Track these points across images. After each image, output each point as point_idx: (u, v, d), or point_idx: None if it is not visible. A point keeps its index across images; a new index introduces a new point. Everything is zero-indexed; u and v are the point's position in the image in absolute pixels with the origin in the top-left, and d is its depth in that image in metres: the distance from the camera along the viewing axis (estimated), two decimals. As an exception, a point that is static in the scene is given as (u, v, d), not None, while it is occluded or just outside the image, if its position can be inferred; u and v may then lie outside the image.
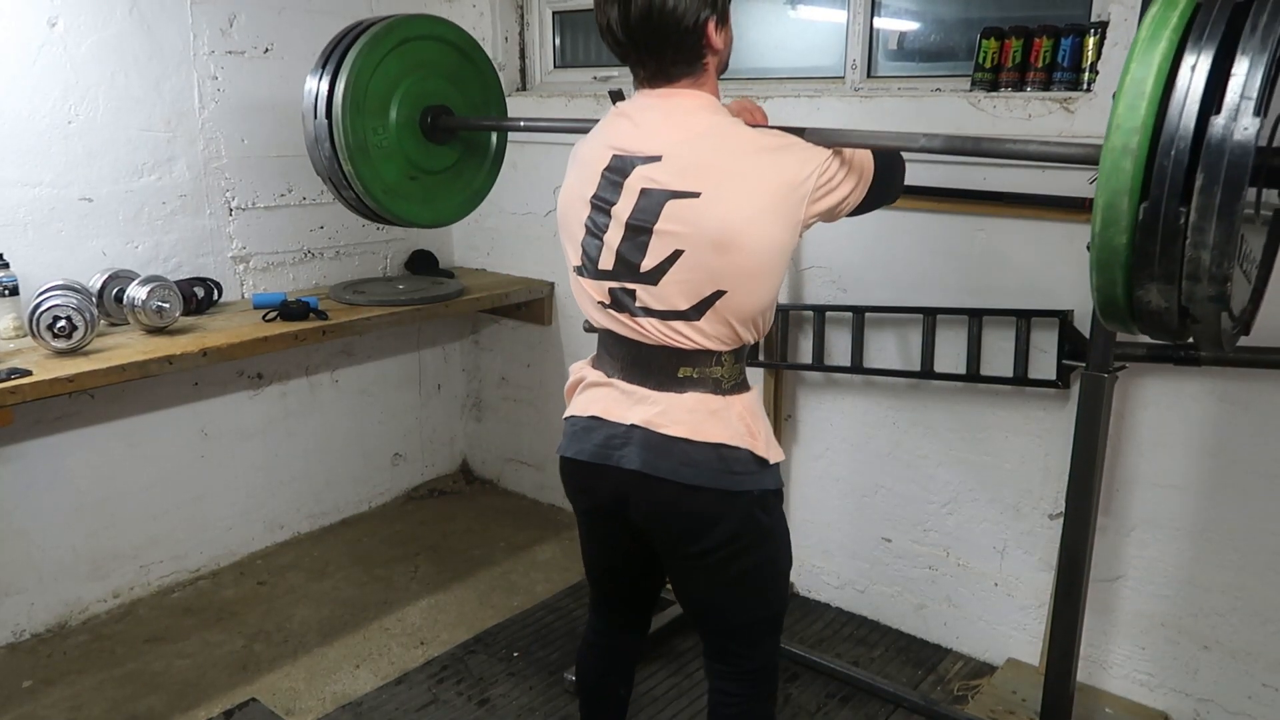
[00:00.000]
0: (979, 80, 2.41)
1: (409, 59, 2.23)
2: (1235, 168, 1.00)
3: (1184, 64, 1.03)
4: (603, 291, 1.52)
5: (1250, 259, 1.24)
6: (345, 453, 3.49)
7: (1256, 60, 1.00)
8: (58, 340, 2.30)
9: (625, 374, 1.55)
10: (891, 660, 2.66)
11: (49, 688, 2.52)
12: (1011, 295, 2.38)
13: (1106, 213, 1.08)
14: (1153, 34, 1.06)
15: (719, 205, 1.40)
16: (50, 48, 2.54)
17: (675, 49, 1.45)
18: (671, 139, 1.45)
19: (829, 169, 1.44)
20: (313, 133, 2.17)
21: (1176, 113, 1.03)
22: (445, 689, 2.52)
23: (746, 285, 1.44)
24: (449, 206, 2.45)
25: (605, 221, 1.49)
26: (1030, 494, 2.48)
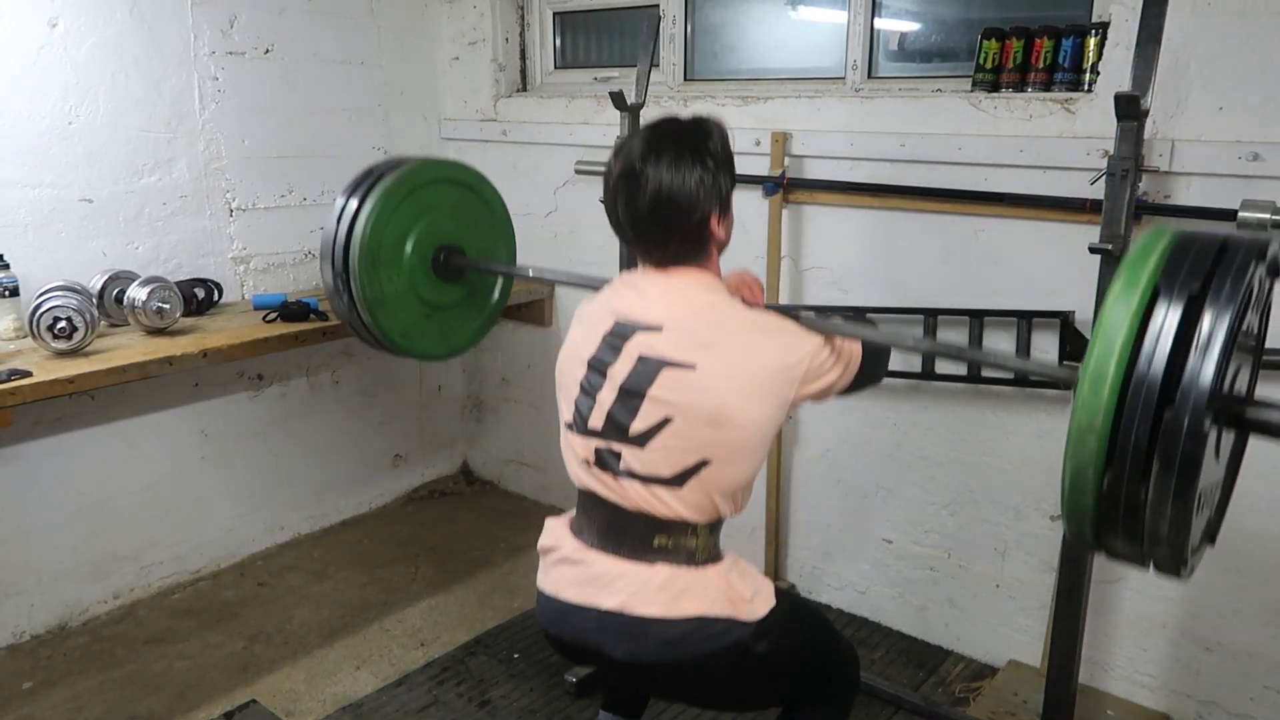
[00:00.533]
0: (980, 81, 2.41)
1: (420, 204, 2.29)
2: (1189, 459, 1.07)
3: (1143, 350, 1.10)
4: (589, 450, 1.56)
5: (1210, 495, 1.30)
6: (346, 454, 3.48)
7: (1210, 351, 1.06)
8: (58, 341, 2.30)
9: (601, 541, 1.57)
10: (892, 662, 2.65)
11: (49, 689, 2.52)
12: (1012, 296, 2.38)
13: (1074, 479, 1.17)
14: (1113, 316, 1.13)
15: (713, 379, 1.45)
16: (50, 48, 2.54)
17: (680, 241, 1.52)
18: (673, 311, 1.51)
19: (820, 356, 1.52)
20: (331, 284, 2.24)
21: (1136, 401, 1.10)
22: (446, 690, 2.52)
23: (732, 459, 1.49)
24: (464, 336, 2.51)
25: (600, 382, 1.53)
26: (1031, 495, 2.48)
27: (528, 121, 3.35)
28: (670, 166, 1.47)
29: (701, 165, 1.49)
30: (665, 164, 1.47)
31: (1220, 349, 1.06)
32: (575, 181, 3.24)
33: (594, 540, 1.57)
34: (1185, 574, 1.21)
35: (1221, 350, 1.06)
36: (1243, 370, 1.27)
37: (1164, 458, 1.08)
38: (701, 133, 1.53)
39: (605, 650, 1.54)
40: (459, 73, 3.51)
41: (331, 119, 3.22)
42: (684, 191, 1.47)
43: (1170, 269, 1.12)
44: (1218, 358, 1.06)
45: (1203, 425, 1.06)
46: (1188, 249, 1.13)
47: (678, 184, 1.47)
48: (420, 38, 3.46)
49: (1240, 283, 1.08)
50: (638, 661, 1.52)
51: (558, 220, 3.35)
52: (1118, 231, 1.82)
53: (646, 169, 1.48)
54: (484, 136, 3.47)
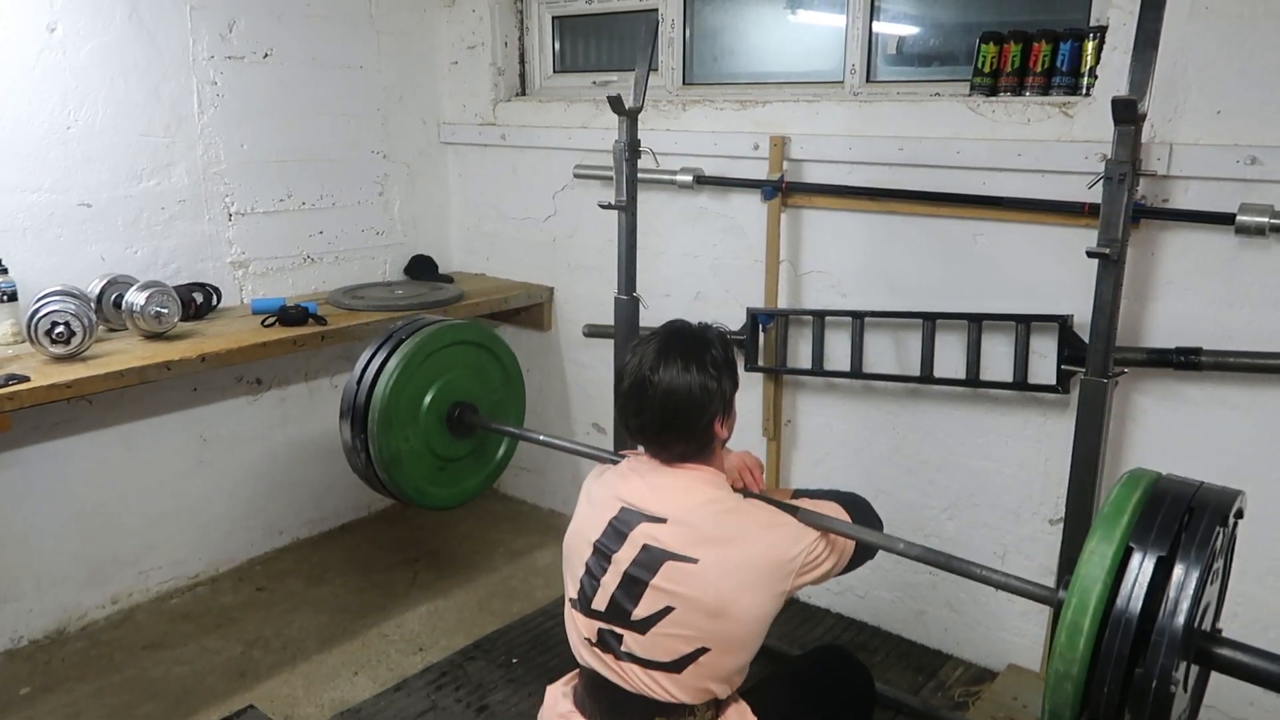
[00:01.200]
0: (978, 85, 2.41)
1: (437, 365, 2.42)
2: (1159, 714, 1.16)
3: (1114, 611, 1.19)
4: (592, 630, 1.65)
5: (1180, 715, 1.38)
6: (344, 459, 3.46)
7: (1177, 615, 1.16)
8: (56, 346, 2.30)
9: (602, 718, 1.67)
10: (892, 666, 2.65)
11: (47, 695, 2.51)
12: (1011, 300, 2.38)
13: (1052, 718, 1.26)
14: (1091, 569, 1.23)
15: (715, 574, 1.54)
16: (49, 53, 2.54)
17: (685, 444, 1.64)
18: (677, 505, 1.61)
19: (815, 550, 1.63)
20: (349, 442, 2.37)
21: (1109, 660, 1.19)
22: (444, 695, 2.51)
23: (730, 649, 1.58)
24: (473, 484, 2.64)
25: (605, 566, 1.63)
26: (1030, 499, 2.47)
27: (526, 125, 3.35)
28: (678, 375, 1.59)
29: (705, 373, 1.60)
30: (673, 373, 1.59)
31: (1187, 610, 1.16)
32: (574, 185, 3.24)
33: (596, 716, 1.68)
34: None
35: (1189, 611, 1.16)
36: (1210, 607, 1.37)
37: (1135, 711, 1.17)
38: (705, 342, 1.65)
39: None
40: (458, 77, 3.51)
41: (330, 123, 3.22)
42: (690, 400, 1.59)
43: (1140, 529, 1.23)
44: (1184, 618, 1.15)
45: (1169, 686, 1.15)
46: (1158, 507, 1.25)
47: (684, 391, 1.58)
48: (419, 42, 3.46)
49: (1205, 547, 1.19)
50: None
51: (556, 224, 3.35)
52: (1115, 235, 1.82)
53: (655, 378, 1.59)
54: (483, 140, 3.47)
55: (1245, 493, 1.34)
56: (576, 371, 3.44)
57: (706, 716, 1.64)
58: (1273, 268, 2.04)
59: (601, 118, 3.10)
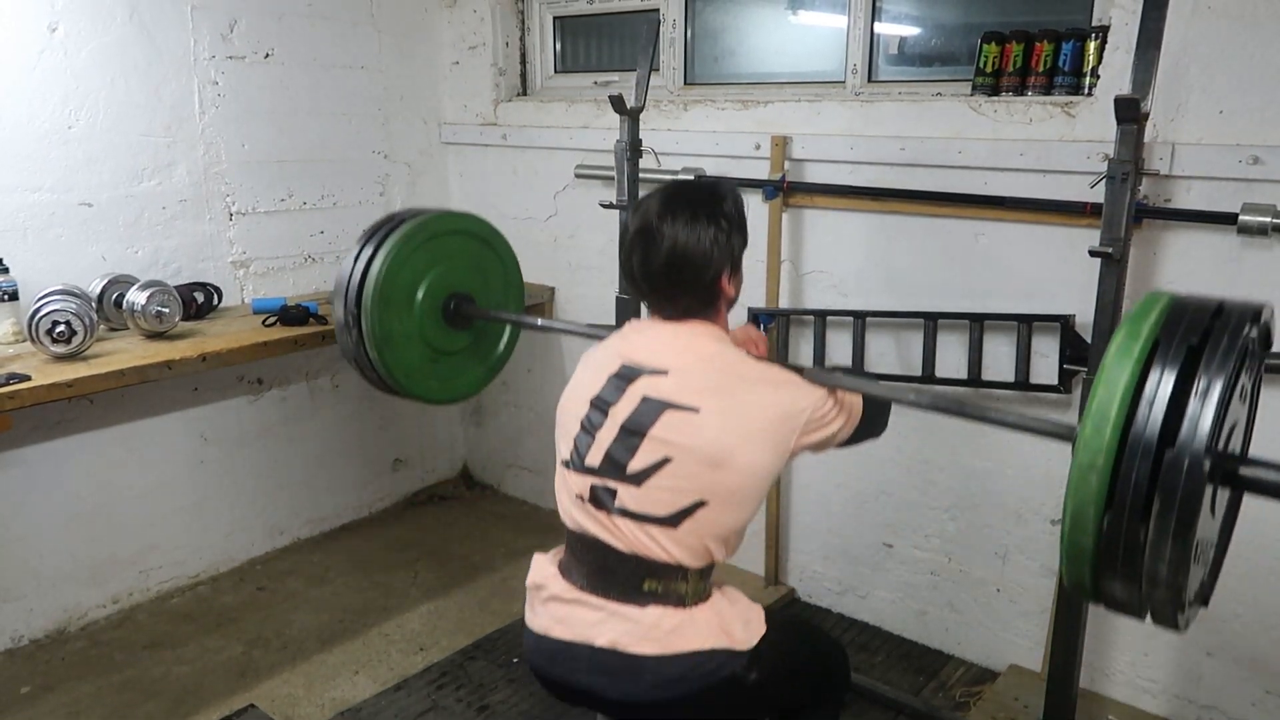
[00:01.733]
0: (980, 85, 2.41)
1: (436, 251, 2.36)
2: (1189, 499, 1.10)
3: (1144, 395, 1.15)
4: (584, 487, 1.57)
5: (1206, 548, 1.32)
6: (345, 458, 3.48)
7: (1208, 399, 1.11)
8: (57, 345, 2.30)
9: (590, 583, 1.57)
10: (893, 666, 2.65)
11: (47, 694, 2.51)
12: (1013, 300, 2.38)
13: (1075, 518, 1.19)
14: (1118, 358, 1.18)
15: (716, 424, 1.47)
16: (50, 53, 2.54)
17: (691, 297, 1.56)
18: (679, 358, 1.54)
19: (822, 408, 1.56)
20: (341, 319, 2.29)
21: (1138, 441, 1.14)
22: (445, 695, 2.51)
23: (729, 503, 1.51)
24: (467, 383, 2.56)
25: (601, 420, 1.56)
26: (1031, 500, 2.47)
27: (528, 126, 3.35)
28: (686, 225, 1.52)
29: (716, 225, 1.53)
30: (681, 223, 1.52)
31: (1219, 397, 1.10)
32: (575, 185, 3.24)
33: (583, 582, 1.58)
34: (1182, 624, 1.23)
35: (1220, 398, 1.10)
36: (1237, 431, 1.30)
37: (1164, 497, 1.11)
38: (717, 194, 1.58)
39: (598, 691, 1.55)
40: (459, 77, 3.51)
41: (331, 123, 3.22)
42: (698, 250, 1.52)
43: (1170, 325, 1.18)
44: (1216, 405, 1.10)
45: (1202, 466, 1.09)
46: (1185, 308, 1.20)
47: (692, 242, 1.51)
48: (420, 42, 3.46)
49: (1236, 339, 1.14)
50: (633, 702, 1.53)
51: (557, 224, 3.35)
52: (1118, 235, 1.82)
53: (663, 227, 1.52)
54: (484, 141, 3.47)
55: (1273, 307, 1.27)
56: (577, 371, 3.44)
57: (700, 585, 1.55)
58: (1275, 268, 2.04)
59: (603, 118, 3.10)
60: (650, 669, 1.50)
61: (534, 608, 1.66)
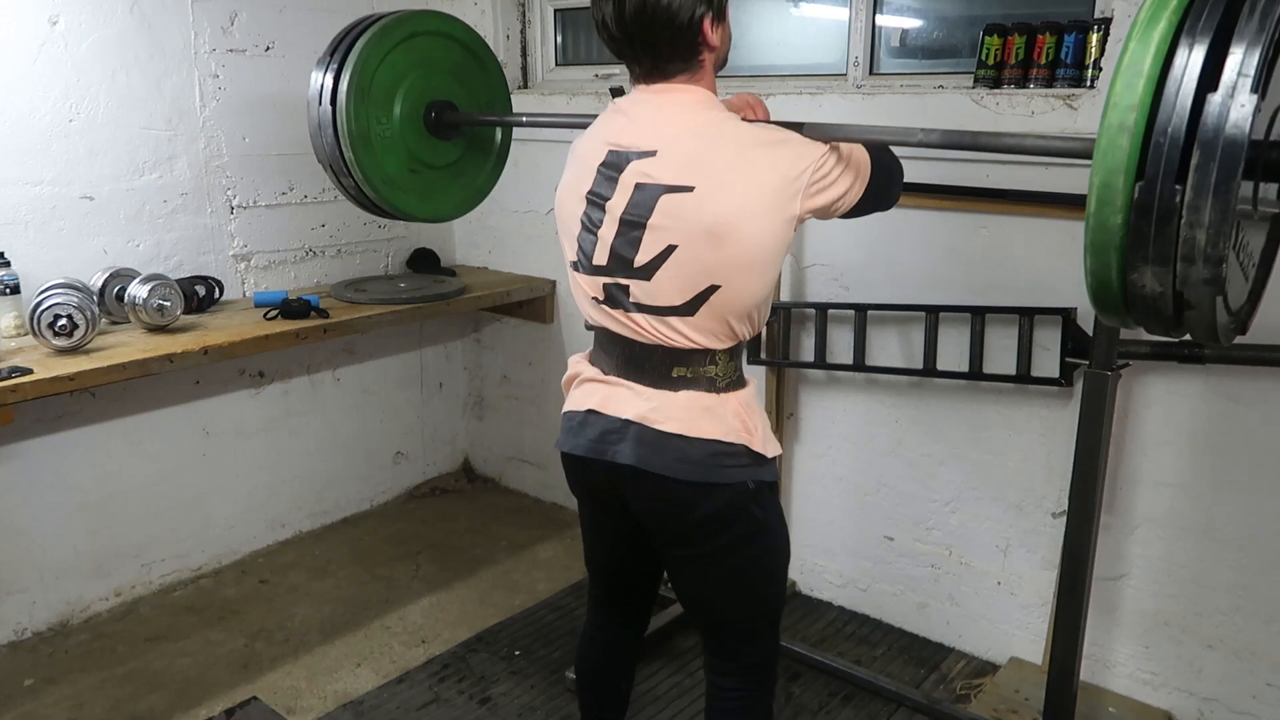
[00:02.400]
0: (982, 77, 2.40)
1: (416, 53, 2.23)
2: (1231, 145, 0.99)
3: (1181, 44, 1.03)
4: (597, 287, 1.53)
5: (1249, 256, 1.23)
6: (347, 451, 3.48)
7: (1254, 41, 0.99)
8: (59, 339, 2.30)
9: (621, 372, 1.56)
10: (894, 659, 2.65)
11: (51, 686, 2.52)
12: (1014, 293, 2.38)
13: (1102, 191, 1.07)
14: (1152, 15, 1.06)
15: (712, 199, 1.40)
16: (51, 46, 2.54)
17: (670, 45, 1.44)
18: (666, 134, 1.45)
19: (825, 164, 1.44)
20: (316, 119, 2.17)
21: (1174, 90, 1.02)
22: (447, 688, 2.52)
23: (740, 279, 1.44)
24: (448, 203, 2.44)
25: (600, 216, 1.50)
26: (1033, 492, 2.47)
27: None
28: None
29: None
30: None
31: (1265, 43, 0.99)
32: (576, 179, 3.23)
33: (615, 372, 1.57)
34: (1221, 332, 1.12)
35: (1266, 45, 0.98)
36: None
37: (1204, 146, 1.00)
38: None
39: (617, 458, 1.53)
40: (460, 70, 3.50)
41: (332, 116, 3.21)
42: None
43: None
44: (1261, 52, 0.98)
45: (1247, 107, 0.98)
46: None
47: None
48: (421, 35, 3.45)
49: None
50: (644, 470, 1.51)
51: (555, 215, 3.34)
52: (1120, 227, 1.81)
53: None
54: (485, 134, 3.46)
55: None
56: (579, 365, 3.44)
57: (729, 368, 1.53)
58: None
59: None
60: (674, 445, 1.50)
61: (569, 393, 1.66)
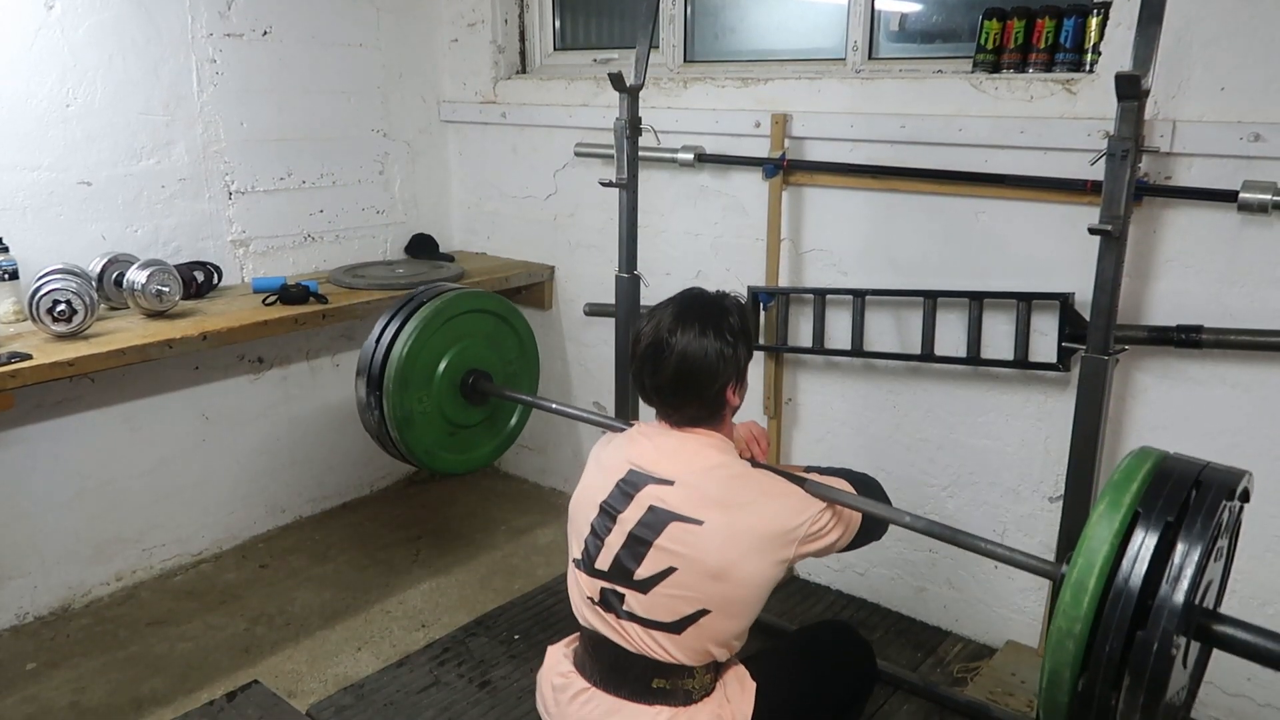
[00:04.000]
0: (981, 62, 2.40)
1: (454, 332, 2.45)
2: (1157, 677, 1.17)
3: (1121, 570, 1.21)
4: (594, 589, 1.67)
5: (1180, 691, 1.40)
6: (346, 436, 3.49)
7: (1181, 580, 1.18)
8: (58, 324, 2.30)
9: (603, 680, 1.69)
10: (891, 643, 2.67)
11: (52, 670, 2.54)
12: (1012, 278, 2.38)
13: (1052, 676, 1.27)
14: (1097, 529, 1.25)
15: (719, 536, 1.56)
16: (48, 31, 2.53)
17: (698, 408, 1.66)
18: (685, 469, 1.63)
19: (820, 520, 1.63)
20: (364, 399, 2.40)
21: (1112, 615, 1.21)
22: (446, 671, 2.53)
23: (730, 611, 1.60)
24: (482, 454, 2.67)
25: (610, 526, 1.65)
26: (1030, 477, 2.48)
27: (527, 104, 3.34)
28: (695, 340, 1.61)
29: (722, 339, 1.62)
30: (690, 337, 1.61)
31: (1191, 577, 1.17)
32: (575, 164, 3.23)
33: (596, 680, 1.69)
34: None
35: (1193, 577, 1.17)
36: (1213, 586, 1.39)
37: (1134, 674, 1.19)
38: (724, 309, 1.67)
39: None
40: (458, 55, 3.49)
41: (330, 101, 3.21)
42: (705, 364, 1.61)
43: (1149, 497, 1.25)
44: (1188, 584, 1.17)
45: (1170, 649, 1.16)
46: (1166, 479, 1.28)
47: (699, 356, 1.61)
48: (419, 19, 3.44)
49: (1211, 518, 1.20)
50: None
51: (557, 203, 3.34)
52: (1118, 212, 1.81)
53: (673, 340, 1.61)
54: (483, 119, 3.45)
55: (1252, 474, 1.35)
56: (578, 350, 3.45)
57: (705, 680, 1.66)
58: (1275, 245, 2.03)
59: (602, 95, 3.08)
60: None
61: (549, 709, 1.77)
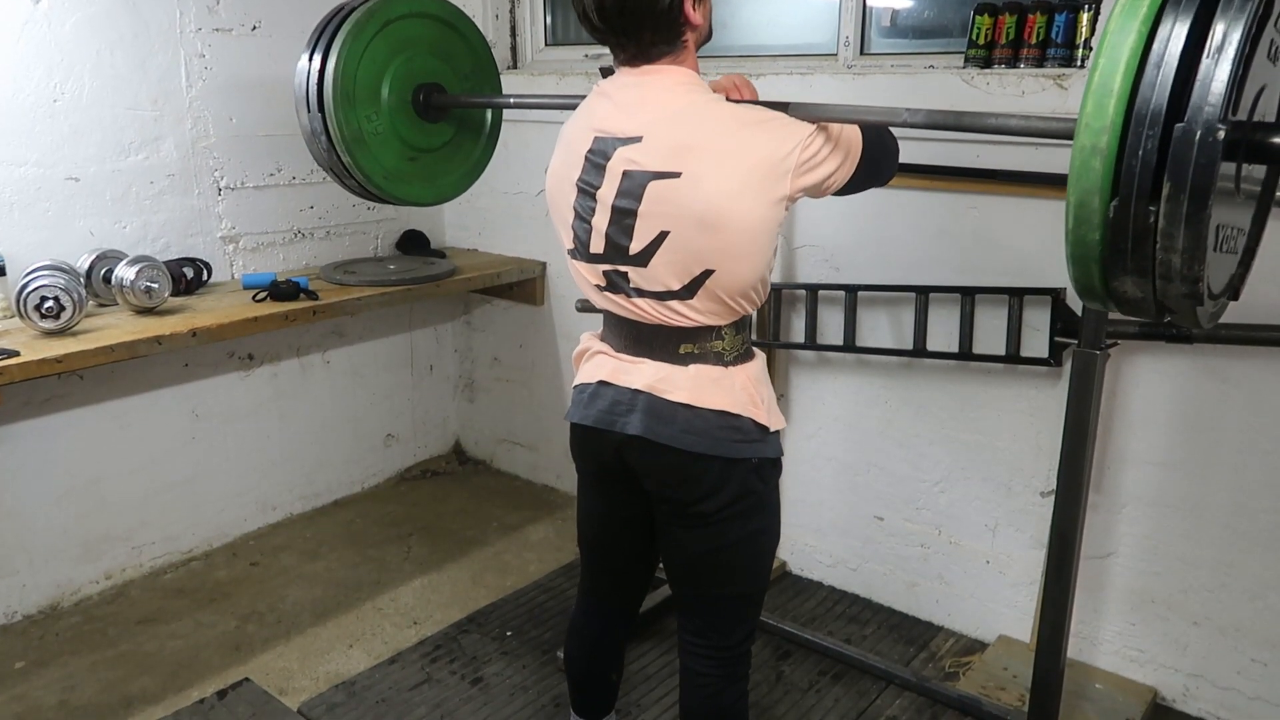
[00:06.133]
0: (972, 57, 2.40)
1: (394, 40, 2.20)
2: (1202, 175, 0.98)
3: (1150, 60, 1.00)
4: (597, 274, 1.55)
5: (1236, 232, 1.22)
6: (337, 434, 3.48)
7: (1223, 61, 0.96)
8: (46, 321, 2.29)
9: (630, 349, 1.59)
10: (883, 638, 2.67)
11: (41, 669, 2.52)
12: (1004, 273, 2.38)
13: (1078, 210, 1.08)
14: (1123, 20, 1.03)
15: (700, 185, 1.40)
16: (34, 25, 2.51)
17: (653, 30, 1.44)
18: (650, 118, 1.45)
19: (813, 144, 1.43)
20: (308, 126, 2.16)
21: (1144, 113, 1.00)
22: (439, 668, 2.52)
23: (734, 263, 1.45)
24: (450, 182, 2.43)
25: (591, 205, 1.51)
26: (1022, 471, 2.49)
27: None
28: None
29: None
30: None
31: (1236, 53, 0.95)
32: (566, 160, 3.22)
33: (624, 349, 1.60)
34: (1204, 319, 1.12)
35: (1237, 54, 0.95)
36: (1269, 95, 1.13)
37: (1174, 176, 0.98)
38: None
39: (626, 428, 1.56)
40: (449, 50, 3.47)
41: (320, 97, 3.19)
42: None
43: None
44: (1232, 62, 0.95)
45: (1216, 140, 0.96)
46: None
47: None
48: (409, 14, 3.42)
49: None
50: (650, 440, 1.54)
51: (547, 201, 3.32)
52: (1109, 206, 1.81)
53: None
54: (474, 114, 3.44)
55: None
56: (569, 347, 3.43)
57: (736, 341, 1.56)
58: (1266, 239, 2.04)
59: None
60: (682, 415, 1.52)
61: (580, 366, 1.69)
